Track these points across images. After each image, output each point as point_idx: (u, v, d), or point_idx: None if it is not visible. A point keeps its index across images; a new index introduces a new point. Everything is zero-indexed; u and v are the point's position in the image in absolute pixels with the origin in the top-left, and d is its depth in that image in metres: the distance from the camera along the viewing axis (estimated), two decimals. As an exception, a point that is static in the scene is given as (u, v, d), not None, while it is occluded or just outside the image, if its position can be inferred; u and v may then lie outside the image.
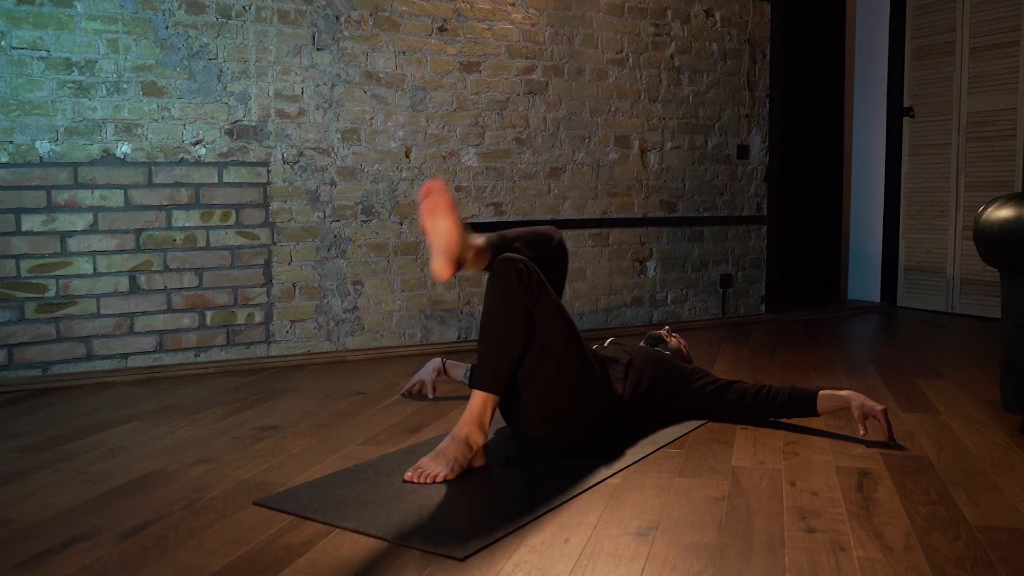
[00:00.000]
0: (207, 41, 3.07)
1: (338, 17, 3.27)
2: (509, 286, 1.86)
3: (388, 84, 3.38)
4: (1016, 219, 2.10)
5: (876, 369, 3.06)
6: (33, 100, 2.85)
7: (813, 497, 1.75)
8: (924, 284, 4.55)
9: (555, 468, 1.94)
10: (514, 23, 3.62)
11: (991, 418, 2.37)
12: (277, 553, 1.50)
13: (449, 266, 1.84)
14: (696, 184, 4.13)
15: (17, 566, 1.46)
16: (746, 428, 2.27)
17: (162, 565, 1.45)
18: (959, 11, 4.29)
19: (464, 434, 1.88)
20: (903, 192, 4.65)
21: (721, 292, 4.25)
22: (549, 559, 1.47)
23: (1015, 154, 4.09)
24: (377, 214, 3.40)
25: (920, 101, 4.53)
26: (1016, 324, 2.16)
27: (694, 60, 4.07)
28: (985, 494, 1.76)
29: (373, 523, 1.62)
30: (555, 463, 1.98)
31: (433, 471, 1.83)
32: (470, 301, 3.61)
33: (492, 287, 1.89)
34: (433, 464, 1.85)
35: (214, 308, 3.15)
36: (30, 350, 2.90)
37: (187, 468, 1.99)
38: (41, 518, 1.68)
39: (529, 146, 3.69)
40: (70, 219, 2.93)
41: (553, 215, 3.77)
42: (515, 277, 1.86)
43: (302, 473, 1.94)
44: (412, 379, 2.71)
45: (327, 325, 3.34)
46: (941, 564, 1.43)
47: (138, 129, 3.00)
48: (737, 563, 1.44)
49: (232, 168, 3.15)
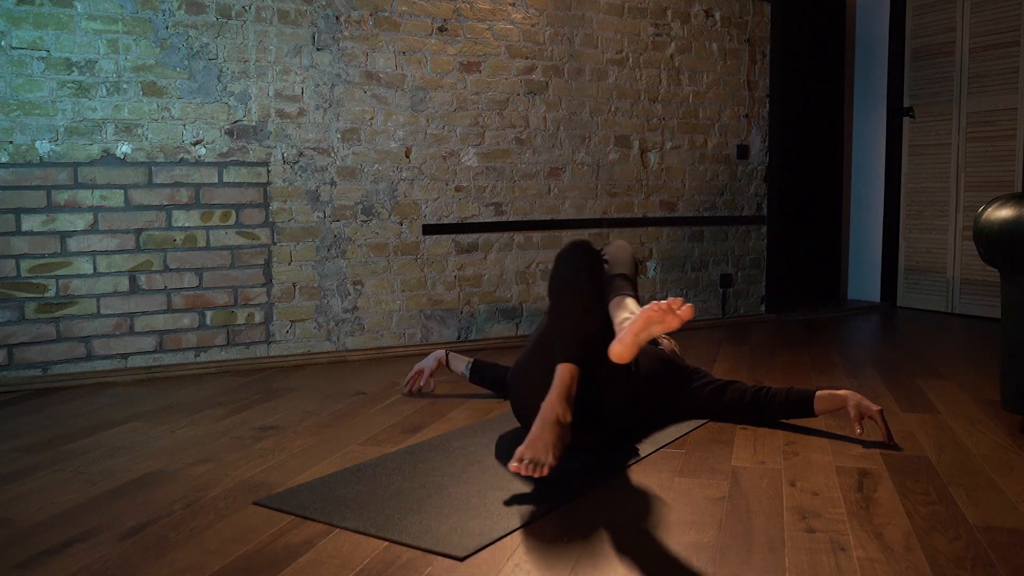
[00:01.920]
0: (207, 41, 3.07)
1: (338, 17, 3.27)
2: (592, 266, 1.94)
3: (388, 84, 3.38)
4: (1016, 219, 2.10)
5: (876, 369, 3.05)
6: (33, 100, 2.85)
7: (813, 497, 1.75)
8: (924, 284, 4.55)
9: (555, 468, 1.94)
10: (514, 23, 3.62)
11: (991, 418, 2.37)
12: (277, 553, 1.50)
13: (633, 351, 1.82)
14: (696, 184, 4.13)
15: (17, 566, 1.46)
16: (746, 428, 2.27)
17: (162, 565, 1.45)
18: (959, 11, 4.29)
19: (556, 414, 1.82)
20: (903, 192, 4.65)
21: (721, 292, 4.25)
22: (549, 559, 1.47)
23: (1015, 154, 4.09)
24: (377, 214, 3.40)
25: (920, 101, 4.53)
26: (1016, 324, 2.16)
27: (694, 60, 4.07)
28: (985, 494, 1.76)
29: (373, 523, 1.62)
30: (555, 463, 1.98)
31: (541, 460, 1.73)
32: (470, 301, 3.61)
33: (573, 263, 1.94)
34: (536, 452, 1.75)
35: (214, 308, 3.15)
36: (30, 350, 2.90)
37: (187, 468, 1.99)
38: (41, 518, 1.68)
39: (529, 146, 3.69)
40: (70, 219, 2.93)
41: (553, 215, 3.77)
42: (596, 261, 1.96)
43: (302, 473, 1.94)
44: (412, 369, 2.70)
45: (327, 325, 3.34)
46: (941, 564, 1.43)
47: (138, 129, 3.00)
48: (737, 563, 1.44)
49: (232, 168, 3.15)
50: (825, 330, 3.98)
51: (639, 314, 1.74)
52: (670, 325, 1.73)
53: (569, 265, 1.96)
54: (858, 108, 4.91)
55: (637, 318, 1.75)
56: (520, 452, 1.74)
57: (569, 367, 1.87)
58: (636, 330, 1.75)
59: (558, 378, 1.86)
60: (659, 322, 1.72)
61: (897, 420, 2.35)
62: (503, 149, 3.64)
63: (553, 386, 1.86)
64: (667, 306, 1.71)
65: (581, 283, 1.94)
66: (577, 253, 1.97)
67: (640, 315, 1.74)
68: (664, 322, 1.72)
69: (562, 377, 1.86)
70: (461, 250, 3.58)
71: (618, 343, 1.77)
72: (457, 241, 3.57)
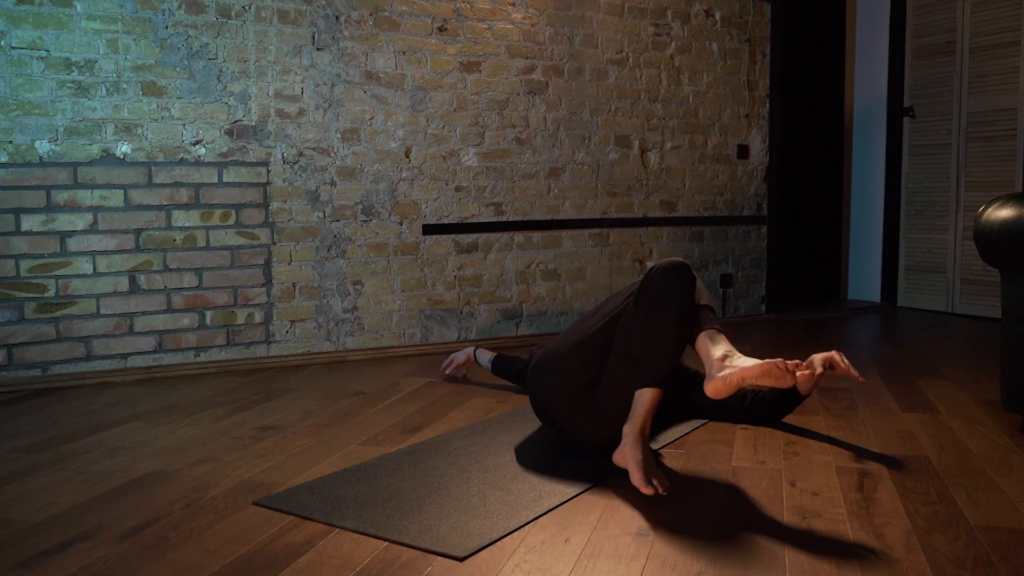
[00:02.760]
0: (207, 41, 3.07)
1: (338, 17, 3.27)
2: (690, 291, 1.86)
3: (388, 84, 3.38)
4: (1016, 219, 2.09)
5: (876, 369, 3.05)
6: (33, 100, 2.85)
7: (813, 497, 1.75)
8: (924, 284, 4.55)
9: (556, 468, 1.94)
10: (514, 23, 3.62)
11: (991, 418, 2.37)
12: (277, 553, 1.50)
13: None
14: (696, 184, 4.13)
15: (17, 566, 1.46)
16: (746, 428, 2.28)
17: (162, 565, 1.45)
18: (959, 11, 4.29)
19: (644, 433, 1.81)
20: (903, 192, 4.65)
21: (721, 292, 4.25)
22: (549, 559, 1.47)
23: (1015, 154, 4.09)
24: (377, 214, 3.40)
25: (920, 101, 4.53)
26: (1016, 324, 2.16)
27: (694, 60, 4.07)
28: (985, 494, 1.76)
29: (373, 523, 1.62)
30: (555, 463, 1.98)
31: (662, 481, 1.73)
32: (469, 301, 3.61)
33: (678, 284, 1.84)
34: (654, 471, 1.74)
35: (214, 308, 3.15)
36: (30, 350, 2.90)
37: (187, 468, 1.99)
38: (41, 518, 1.68)
39: (529, 146, 3.69)
40: (70, 219, 2.93)
41: (553, 215, 3.77)
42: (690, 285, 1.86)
43: (302, 473, 1.94)
44: (449, 358, 2.91)
45: (327, 325, 3.34)
46: (941, 564, 1.43)
47: (138, 129, 3.00)
48: (737, 563, 1.44)
49: (232, 168, 3.14)
50: (825, 330, 3.98)
51: (759, 363, 1.71)
52: (782, 383, 1.71)
53: (674, 285, 1.85)
54: (858, 108, 4.91)
55: (754, 366, 1.72)
56: (644, 476, 1.72)
57: (656, 392, 1.82)
58: (747, 376, 1.72)
59: (647, 402, 1.81)
60: (774, 378, 1.70)
61: (897, 420, 2.35)
62: (503, 149, 3.64)
63: (642, 409, 1.81)
64: (792, 367, 1.68)
65: (683, 308, 1.85)
66: (683, 275, 1.86)
67: (760, 365, 1.71)
68: (778, 380, 1.70)
69: (653, 401, 1.81)
70: (461, 250, 3.58)
71: (722, 383, 1.74)
72: (457, 241, 3.57)
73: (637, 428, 1.79)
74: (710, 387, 1.76)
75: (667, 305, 1.83)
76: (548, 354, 2.04)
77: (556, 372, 2.00)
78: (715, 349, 1.82)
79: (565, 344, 2.01)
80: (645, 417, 1.80)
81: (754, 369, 1.71)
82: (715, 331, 1.86)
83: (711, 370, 1.80)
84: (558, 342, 2.05)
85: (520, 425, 2.32)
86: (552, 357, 2.02)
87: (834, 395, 2.66)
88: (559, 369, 1.99)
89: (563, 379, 1.97)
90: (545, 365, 2.03)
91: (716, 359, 1.80)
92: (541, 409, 2.08)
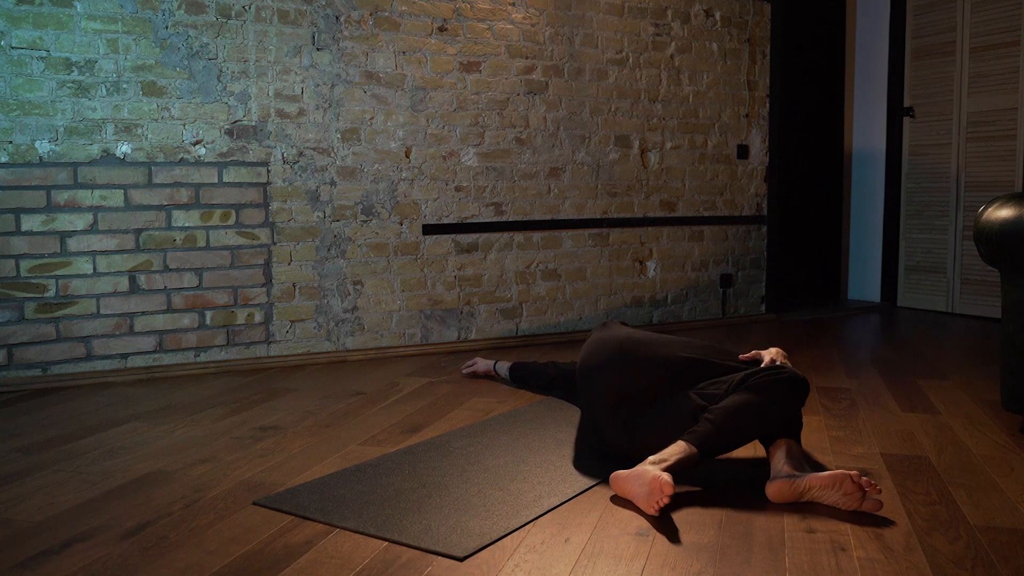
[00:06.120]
0: (207, 41, 3.07)
1: (338, 17, 3.27)
2: (790, 409, 1.83)
3: (388, 84, 3.38)
4: (1016, 219, 2.10)
5: (876, 369, 3.05)
6: (33, 100, 2.85)
7: (813, 497, 1.75)
8: (924, 284, 4.55)
9: (556, 468, 1.94)
10: (514, 23, 3.62)
11: (991, 418, 2.37)
12: (277, 553, 1.50)
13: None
14: (696, 184, 4.13)
15: (17, 566, 1.46)
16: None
17: (162, 565, 1.45)
18: (959, 11, 4.29)
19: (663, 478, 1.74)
20: (903, 192, 4.65)
21: (721, 292, 4.25)
22: (549, 559, 1.47)
23: (1015, 154, 4.09)
24: (377, 214, 3.40)
25: (920, 101, 4.53)
26: (1016, 324, 2.16)
27: (694, 60, 4.07)
28: (985, 494, 1.76)
29: (373, 523, 1.62)
30: (555, 463, 1.98)
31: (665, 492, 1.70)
32: (469, 301, 3.61)
33: (786, 404, 1.82)
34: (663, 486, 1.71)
35: (214, 308, 3.15)
36: (30, 350, 2.90)
37: (187, 468, 1.99)
38: (41, 518, 1.68)
39: (529, 146, 3.69)
40: (70, 219, 2.93)
41: (553, 215, 3.77)
42: (800, 405, 1.85)
43: (302, 473, 1.94)
44: (473, 360, 3.01)
45: (327, 325, 3.34)
46: (941, 564, 1.43)
47: (138, 129, 3.00)
48: (737, 563, 1.44)
49: (232, 168, 3.14)
50: (825, 330, 3.98)
51: (831, 473, 1.69)
52: (847, 503, 1.68)
53: (790, 404, 1.82)
54: (858, 108, 4.91)
55: (824, 475, 1.69)
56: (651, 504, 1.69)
57: (697, 456, 1.77)
58: (815, 485, 1.69)
59: (684, 457, 1.76)
60: (844, 493, 1.67)
61: (897, 420, 2.36)
62: (503, 149, 3.64)
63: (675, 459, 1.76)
64: (865, 483, 1.66)
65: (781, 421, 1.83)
66: (802, 397, 1.84)
67: (831, 476, 1.68)
68: (847, 496, 1.67)
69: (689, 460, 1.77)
70: (461, 250, 3.58)
71: (789, 489, 1.71)
72: (457, 241, 3.57)
73: (660, 467, 1.74)
74: (771, 491, 1.73)
75: (775, 416, 1.81)
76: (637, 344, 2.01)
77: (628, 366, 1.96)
78: (790, 458, 1.80)
79: (658, 349, 1.99)
80: (674, 465, 1.75)
81: (822, 478, 1.69)
82: (795, 444, 1.84)
83: (778, 472, 1.77)
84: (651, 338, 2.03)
85: (520, 425, 2.32)
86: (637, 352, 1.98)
87: (834, 395, 2.66)
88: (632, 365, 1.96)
89: (630, 377, 1.95)
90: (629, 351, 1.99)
91: (782, 463, 1.78)
92: (589, 403, 2.04)
